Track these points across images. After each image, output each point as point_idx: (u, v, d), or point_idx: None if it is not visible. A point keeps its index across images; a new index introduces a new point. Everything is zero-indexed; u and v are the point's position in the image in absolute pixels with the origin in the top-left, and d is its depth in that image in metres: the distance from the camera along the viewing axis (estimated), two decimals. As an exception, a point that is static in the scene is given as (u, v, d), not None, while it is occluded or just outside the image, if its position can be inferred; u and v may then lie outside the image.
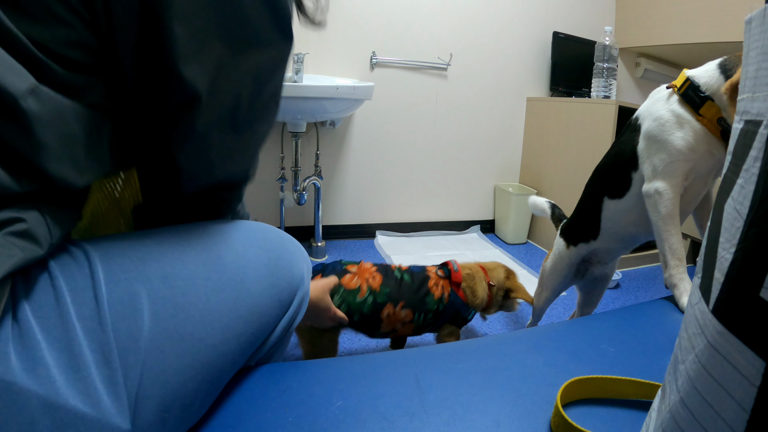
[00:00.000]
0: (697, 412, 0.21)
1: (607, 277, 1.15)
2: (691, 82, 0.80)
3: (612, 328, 0.64)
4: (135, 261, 0.36)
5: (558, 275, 1.13)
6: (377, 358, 0.55)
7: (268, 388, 0.48)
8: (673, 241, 0.81)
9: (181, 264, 0.39)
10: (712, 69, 0.79)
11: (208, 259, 0.42)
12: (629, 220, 0.93)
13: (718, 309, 0.20)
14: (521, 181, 2.45)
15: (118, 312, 0.32)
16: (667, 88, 0.86)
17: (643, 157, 0.86)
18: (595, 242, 1.03)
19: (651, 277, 1.95)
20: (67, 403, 0.27)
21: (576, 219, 1.08)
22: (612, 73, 1.96)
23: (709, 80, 0.78)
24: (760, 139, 0.19)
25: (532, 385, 0.50)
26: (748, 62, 0.21)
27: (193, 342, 0.37)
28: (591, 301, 1.22)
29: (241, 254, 0.46)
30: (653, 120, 0.85)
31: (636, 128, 0.90)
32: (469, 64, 2.20)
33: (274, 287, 0.48)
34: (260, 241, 0.50)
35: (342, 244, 2.13)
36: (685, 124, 0.80)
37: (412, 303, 1.01)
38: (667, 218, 0.81)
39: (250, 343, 0.45)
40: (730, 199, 0.21)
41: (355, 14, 1.96)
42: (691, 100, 0.79)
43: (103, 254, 0.35)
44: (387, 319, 0.98)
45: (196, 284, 0.39)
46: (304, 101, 1.58)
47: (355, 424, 0.43)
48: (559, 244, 1.13)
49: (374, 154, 2.15)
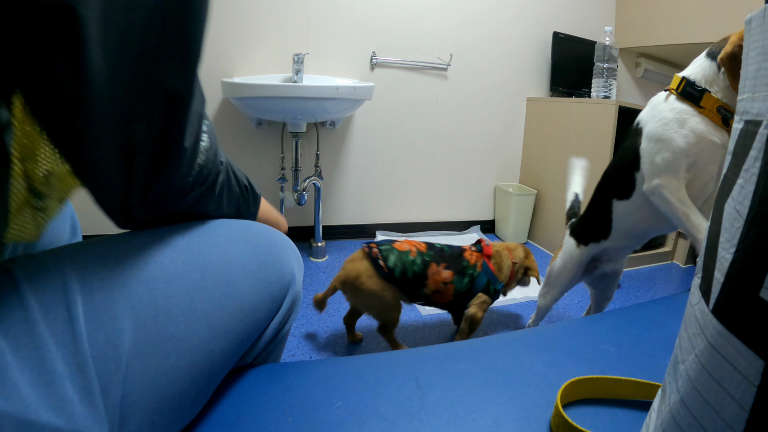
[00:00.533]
0: (697, 412, 0.21)
1: (618, 273, 1.18)
2: (686, 80, 0.84)
3: (612, 328, 0.64)
4: (110, 267, 0.35)
5: (568, 274, 1.15)
6: (377, 358, 0.55)
7: (268, 388, 0.48)
8: (693, 219, 0.84)
9: (160, 266, 0.38)
10: (701, 60, 0.84)
11: (190, 258, 0.41)
12: (641, 217, 0.96)
13: (718, 309, 0.20)
14: (521, 181, 2.45)
15: (94, 322, 0.31)
16: (664, 92, 0.90)
17: (645, 156, 0.89)
18: (606, 242, 1.06)
19: (651, 277, 1.95)
20: (39, 419, 0.26)
21: (586, 220, 1.11)
22: (612, 73, 1.96)
23: (702, 71, 0.83)
24: (760, 139, 0.19)
25: (532, 385, 0.50)
26: (748, 62, 0.21)
27: (178, 342, 0.37)
28: (606, 295, 1.25)
29: (225, 251, 0.45)
30: (656, 121, 0.88)
31: (638, 132, 0.93)
32: (469, 64, 2.20)
33: (264, 282, 0.48)
34: (246, 237, 0.49)
35: (342, 245, 2.13)
36: (688, 120, 0.83)
37: (452, 265, 1.17)
38: (678, 205, 0.85)
39: (242, 340, 0.45)
40: (730, 199, 0.21)
41: (355, 14, 1.96)
42: (690, 95, 0.83)
43: (77, 264, 0.34)
44: (432, 277, 1.14)
45: (177, 284, 0.39)
46: (304, 101, 1.58)
47: (355, 424, 0.43)
48: (569, 243, 1.15)
49: (374, 154, 2.15)
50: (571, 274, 1.14)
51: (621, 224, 1.01)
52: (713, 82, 0.81)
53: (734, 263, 0.19)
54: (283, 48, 1.88)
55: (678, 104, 0.84)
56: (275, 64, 1.89)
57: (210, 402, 0.44)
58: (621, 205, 0.99)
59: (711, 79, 0.81)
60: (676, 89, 0.86)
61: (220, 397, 0.46)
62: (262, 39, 1.85)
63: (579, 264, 1.12)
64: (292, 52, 1.83)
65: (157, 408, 0.35)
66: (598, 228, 1.06)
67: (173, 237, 0.42)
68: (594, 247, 1.09)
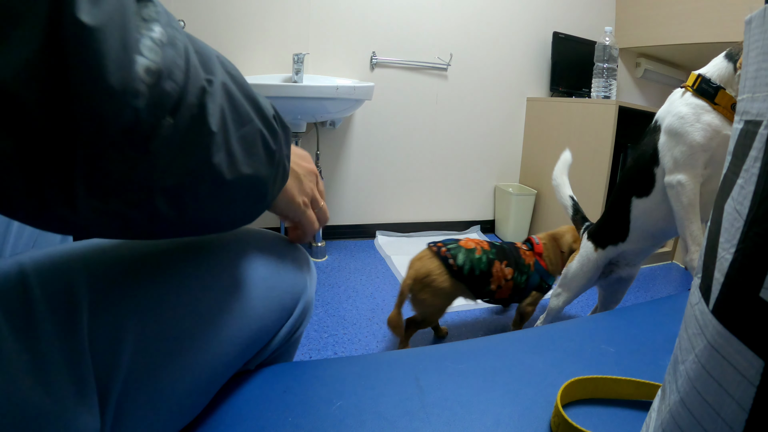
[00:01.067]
0: (697, 412, 0.21)
1: (632, 277, 1.20)
2: (702, 77, 0.86)
3: (612, 328, 0.64)
4: (119, 264, 0.35)
5: (584, 277, 1.15)
6: (377, 358, 0.55)
7: (268, 389, 0.48)
8: (693, 228, 0.87)
9: (169, 265, 0.38)
10: (719, 60, 0.85)
11: (200, 261, 0.41)
12: (659, 216, 0.98)
13: (718, 309, 0.20)
14: (521, 181, 2.45)
15: (97, 315, 0.31)
16: (680, 88, 0.92)
17: (664, 150, 0.91)
18: (624, 244, 1.07)
19: (651, 277, 1.95)
20: (29, 398, 0.26)
21: (605, 222, 1.11)
22: (612, 73, 1.96)
23: (719, 71, 0.84)
24: (760, 139, 0.19)
25: (532, 385, 0.50)
26: (748, 62, 0.21)
27: (181, 341, 0.36)
28: (616, 299, 1.26)
29: (237, 257, 0.45)
30: (673, 116, 0.89)
31: (656, 129, 0.95)
32: (469, 64, 2.20)
33: (274, 290, 0.48)
34: (260, 244, 0.49)
35: (342, 245, 2.13)
36: (703, 115, 0.85)
37: (513, 263, 1.23)
38: (688, 207, 0.87)
39: (247, 346, 0.45)
40: (730, 199, 0.21)
41: (355, 14, 1.96)
42: (705, 92, 0.85)
43: (85, 260, 0.34)
44: (496, 274, 1.19)
45: (185, 284, 0.38)
46: (304, 101, 1.58)
47: (355, 424, 0.43)
48: (587, 247, 1.15)
49: (374, 154, 2.15)
50: (586, 278, 1.14)
51: (640, 224, 1.02)
52: (729, 82, 0.82)
53: (734, 263, 0.19)
54: (283, 48, 1.88)
55: (693, 100, 0.86)
56: (275, 64, 1.89)
57: (210, 402, 0.44)
58: (640, 203, 1.00)
59: (727, 80, 0.82)
60: (691, 86, 0.87)
61: (220, 396, 0.46)
62: (262, 39, 1.85)
63: (596, 267, 1.13)
64: (292, 52, 1.83)
65: (156, 406, 0.35)
66: (616, 230, 1.06)
67: (184, 240, 0.41)
68: (612, 250, 1.09)
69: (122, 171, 0.23)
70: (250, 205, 0.36)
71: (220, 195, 0.30)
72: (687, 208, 0.86)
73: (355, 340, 1.30)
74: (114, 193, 0.24)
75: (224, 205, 0.32)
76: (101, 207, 0.24)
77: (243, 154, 0.30)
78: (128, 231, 0.28)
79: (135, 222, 0.27)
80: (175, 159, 0.25)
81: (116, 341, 0.32)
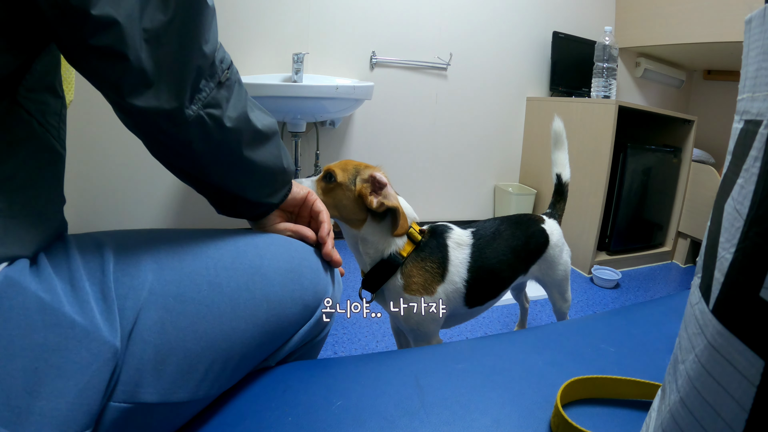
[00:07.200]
0: (697, 411, 0.21)
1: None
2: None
3: (612, 328, 0.64)
4: (143, 236, 0.43)
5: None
6: (377, 358, 0.55)
7: (268, 388, 0.48)
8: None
9: (191, 243, 0.44)
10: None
11: (223, 244, 0.46)
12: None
13: (718, 309, 0.20)
14: (521, 181, 2.45)
15: (120, 268, 0.38)
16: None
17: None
18: None
19: (651, 277, 1.95)
20: (62, 308, 0.32)
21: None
22: (612, 73, 1.96)
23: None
24: (760, 139, 0.19)
25: (532, 385, 0.50)
26: (748, 62, 0.21)
27: (196, 306, 0.40)
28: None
29: (260, 246, 0.48)
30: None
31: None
32: (469, 64, 2.19)
33: (295, 283, 0.49)
34: (285, 243, 0.52)
35: (342, 244, 2.12)
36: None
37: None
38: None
39: (266, 332, 0.46)
40: (730, 199, 0.21)
41: (355, 14, 1.95)
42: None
43: (115, 236, 0.42)
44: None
45: (206, 260, 0.43)
46: (304, 101, 1.58)
47: (355, 424, 0.43)
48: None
49: (374, 154, 2.15)
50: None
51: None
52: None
53: (734, 263, 0.19)
54: (283, 48, 1.88)
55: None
56: (275, 63, 1.89)
57: (210, 402, 0.44)
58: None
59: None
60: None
61: (221, 396, 0.46)
62: (262, 39, 1.85)
63: None
64: (292, 51, 1.83)
65: (164, 358, 0.37)
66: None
67: (208, 229, 0.47)
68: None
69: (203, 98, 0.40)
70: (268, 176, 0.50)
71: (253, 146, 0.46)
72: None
73: (355, 340, 1.30)
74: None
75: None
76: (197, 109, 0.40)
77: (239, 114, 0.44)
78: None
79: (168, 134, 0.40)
80: (219, 105, 0.42)
81: (134, 289, 0.37)
